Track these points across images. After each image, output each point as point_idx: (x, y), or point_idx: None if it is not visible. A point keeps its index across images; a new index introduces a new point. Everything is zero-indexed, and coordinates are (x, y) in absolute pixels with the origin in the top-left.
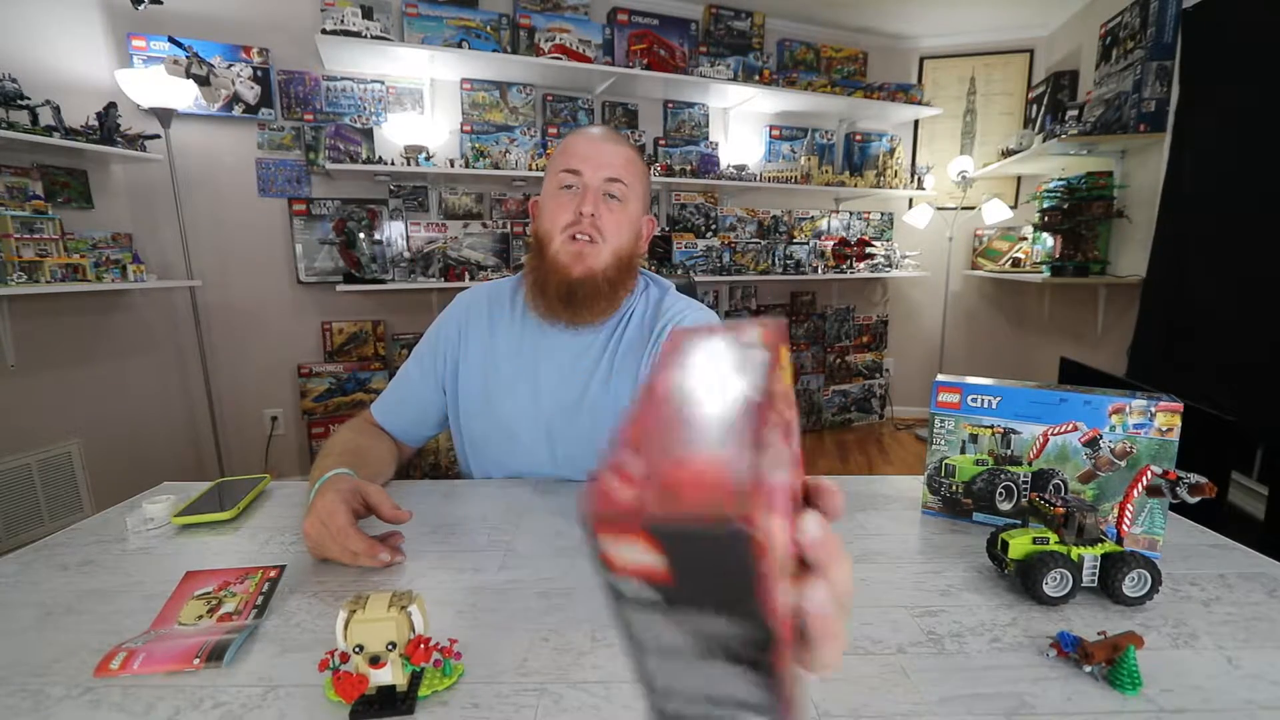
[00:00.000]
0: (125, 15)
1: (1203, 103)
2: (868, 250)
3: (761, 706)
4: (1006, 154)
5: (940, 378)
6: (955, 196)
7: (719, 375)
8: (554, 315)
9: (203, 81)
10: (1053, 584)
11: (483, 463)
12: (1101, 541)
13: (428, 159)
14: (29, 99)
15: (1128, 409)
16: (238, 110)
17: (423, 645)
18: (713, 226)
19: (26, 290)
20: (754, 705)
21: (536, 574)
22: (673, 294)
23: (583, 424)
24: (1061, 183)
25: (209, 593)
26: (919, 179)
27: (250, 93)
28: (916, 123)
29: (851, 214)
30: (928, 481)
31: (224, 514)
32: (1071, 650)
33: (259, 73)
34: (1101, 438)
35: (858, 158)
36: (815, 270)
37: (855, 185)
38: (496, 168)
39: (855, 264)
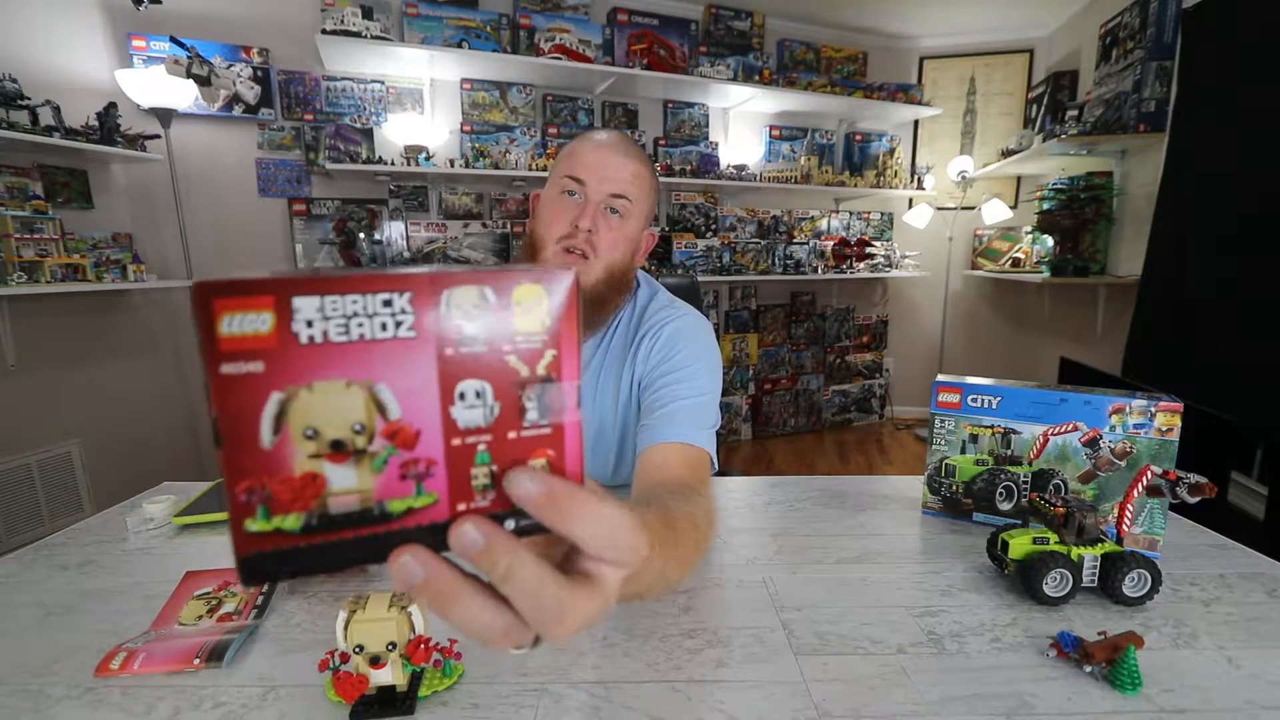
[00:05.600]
0: (125, 15)
1: (1202, 103)
2: (868, 250)
3: None
4: (1006, 154)
5: (940, 378)
6: (955, 196)
7: None
8: None
9: (203, 81)
10: (1053, 584)
11: None
12: (1101, 541)
13: (428, 159)
14: (29, 99)
15: (1128, 409)
16: (238, 110)
17: (423, 645)
18: (713, 226)
19: (27, 290)
20: None
21: None
22: (660, 298)
23: None
24: (1061, 183)
25: (209, 593)
26: (919, 179)
27: (250, 93)
28: (916, 123)
29: (851, 214)
30: (928, 481)
31: (224, 514)
32: (1071, 650)
33: (259, 73)
34: (1101, 438)
35: (858, 158)
36: (815, 270)
37: (855, 185)
38: (496, 168)
39: (855, 264)
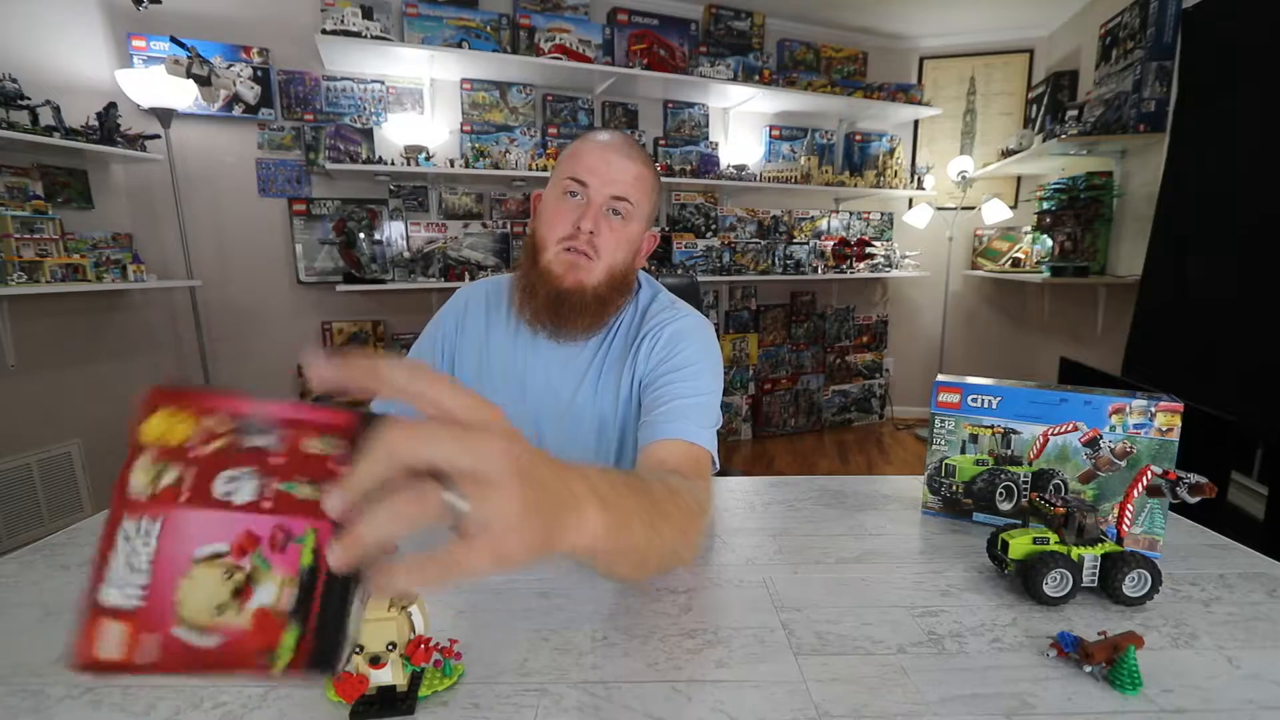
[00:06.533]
0: (125, 15)
1: (1202, 103)
2: (868, 250)
3: None
4: (1006, 154)
5: (940, 378)
6: (955, 196)
7: None
8: (540, 323)
9: (203, 81)
10: (1053, 584)
11: None
12: (1101, 541)
13: (428, 159)
14: (29, 99)
15: (1128, 409)
16: (238, 110)
17: (423, 645)
18: (713, 226)
19: (27, 290)
20: None
21: (536, 574)
22: (661, 299)
23: (568, 429)
24: (1061, 183)
25: None
26: (919, 179)
27: (250, 93)
28: (916, 123)
29: (851, 214)
30: (928, 481)
31: None
32: (1071, 650)
33: (259, 73)
34: (1101, 438)
35: (858, 158)
36: (815, 270)
37: (855, 185)
38: (496, 168)
39: (855, 264)
